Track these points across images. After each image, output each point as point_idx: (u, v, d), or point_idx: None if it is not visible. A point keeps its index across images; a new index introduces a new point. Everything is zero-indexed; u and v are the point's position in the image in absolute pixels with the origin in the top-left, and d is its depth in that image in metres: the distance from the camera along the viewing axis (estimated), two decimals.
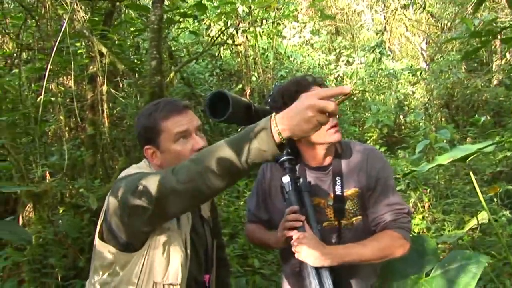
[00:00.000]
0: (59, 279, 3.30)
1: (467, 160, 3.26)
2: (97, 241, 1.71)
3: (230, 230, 4.74)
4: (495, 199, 5.24)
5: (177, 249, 1.66)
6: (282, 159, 1.89)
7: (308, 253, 1.74)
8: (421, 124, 9.24)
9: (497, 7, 8.49)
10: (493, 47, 10.39)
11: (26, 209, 3.59)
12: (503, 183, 5.69)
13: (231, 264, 4.23)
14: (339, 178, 1.99)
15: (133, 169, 1.75)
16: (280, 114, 1.33)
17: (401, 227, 1.96)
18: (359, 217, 2.02)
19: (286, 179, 1.89)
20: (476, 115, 7.29)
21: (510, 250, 3.43)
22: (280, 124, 1.31)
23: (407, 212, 2.00)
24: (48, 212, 3.52)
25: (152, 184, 1.47)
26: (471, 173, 3.23)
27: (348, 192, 2.00)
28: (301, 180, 1.89)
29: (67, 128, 5.23)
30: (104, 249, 1.67)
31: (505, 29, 3.38)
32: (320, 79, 2.00)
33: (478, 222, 3.96)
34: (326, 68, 12.64)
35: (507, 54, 9.55)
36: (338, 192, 1.97)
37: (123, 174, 1.72)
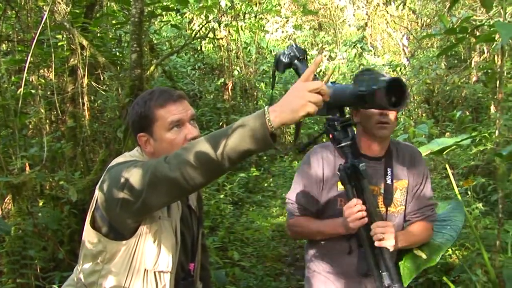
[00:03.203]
0: (38, 271, 3.30)
1: (444, 154, 3.35)
2: (87, 229, 1.73)
3: (210, 222, 4.78)
4: (469, 192, 5.35)
5: (168, 237, 1.70)
6: (343, 144, 1.91)
7: (392, 239, 1.92)
8: (401, 119, 9.33)
9: (475, 5, 8.60)
10: (472, 44, 10.52)
11: (5, 201, 3.59)
12: (479, 177, 5.80)
13: (211, 255, 4.27)
14: (390, 169, 2.19)
15: (123, 158, 1.77)
16: (272, 106, 1.39)
17: (433, 220, 2.32)
18: (403, 207, 2.24)
19: (347, 165, 1.93)
20: (455, 111, 7.39)
21: (482, 241, 3.52)
22: (272, 114, 1.36)
23: (435, 205, 2.35)
24: (28, 204, 3.52)
25: (138, 175, 1.50)
26: (447, 166, 3.32)
27: (398, 183, 2.21)
28: (362, 166, 1.91)
29: (47, 121, 5.22)
30: (94, 237, 1.69)
31: (479, 26, 3.45)
32: None
33: None
34: (308, 62, 12.70)
35: (485, 51, 9.68)
36: (389, 182, 2.17)
37: (114, 162, 1.73)
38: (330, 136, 1.91)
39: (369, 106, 1.83)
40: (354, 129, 2.01)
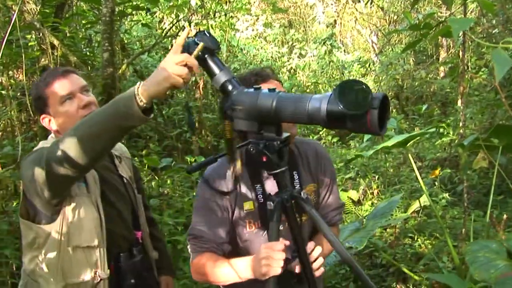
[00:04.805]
0: (14, 269, 3.31)
1: (411, 146, 3.47)
2: (20, 221, 1.82)
3: (184, 219, 4.81)
4: (437, 183, 5.50)
5: (88, 212, 1.77)
6: (279, 170, 1.51)
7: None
8: None
9: (440, 3, 8.81)
10: (439, 40, 10.75)
11: None
12: (447, 169, 5.96)
13: (185, 251, 4.30)
14: (296, 173, 1.91)
15: (40, 145, 1.86)
16: (144, 81, 1.42)
17: (340, 223, 2.15)
18: None
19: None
20: (423, 105, 7.58)
21: (448, 231, 3.66)
22: (141, 88, 1.40)
23: (343, 205, 2.15)
24: (2, 203, 3.52)
25: (37, 169, 1.60)
26: (410, 157, 3.43)
27: (306, 188, 1.95)
28: (303, 193, 1.60)
29: (18, 122, 5.18)
30: (27, 227, 1.78)
31: (442, 22, 3.59)
32: (277, 75, 1.96)
33: (420, 205, 4.18)
34: (279, 60, 12.80)
35: (451, 47, 9.93)
36: (298, 187, 1.88)
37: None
38: (264, 159, 1.49)
39: (349, 129, 1.30)
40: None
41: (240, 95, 1.45)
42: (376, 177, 6.55)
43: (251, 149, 1.50)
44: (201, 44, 1.40)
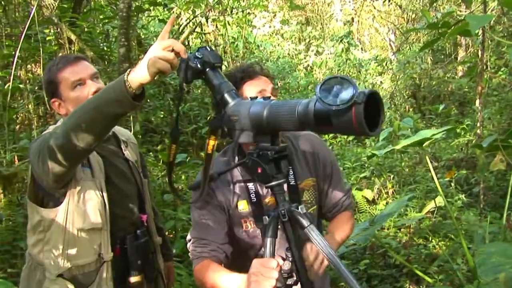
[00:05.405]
0: None
1: (427, 146, 3.43)
2: (27, 204, 1.88)
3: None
4: (452, 184, 5.44)
5: (92, 196, 1.82)
6: (276, 183, 1.46)
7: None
8: (387, 113, 9.42)
9: (459, 1, 8.72)
10: (457, 40, 10.63)
11: None
12: (463, 170, 5.89)
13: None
14: (291, 168, 1.78)
15: (49, 129, 1.91)
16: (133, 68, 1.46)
17: (352, 206, 2.07)
18: (315, 206, 1.94)
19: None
20: (440, 105, 7.50)
21: (463, 232, 3.61)
22: (131, 74, 1.45)
23: (350, 189, 2.09)
24: (18, 196, 3.56)
25: (37, 154, 1.67)
26: (427, 158, 3.39)
27: (304, 183, 1.89)
28: (301, 208, 1.52)
29: (35, 116, 5.23)
30: (33, 210, 1.84)
31: (461, 21, 3.53)
32: (267, 71, 1.88)
33: (435, 205, 4.14)
34: (295, 57, 12.76)
35: (470, 46, 9.82)
36: (292, 183, 1.78)
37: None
38: (259, 170, 1.43)
39: (334, 130, 1.23)
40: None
41: (235, 105, 1.44)
42: (391, 176, 6.51)
43: (247, 162, 1.46)
44: (188, 30, 1.45)
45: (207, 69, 1.48)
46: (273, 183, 1.45)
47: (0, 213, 3.01)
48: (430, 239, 4.65)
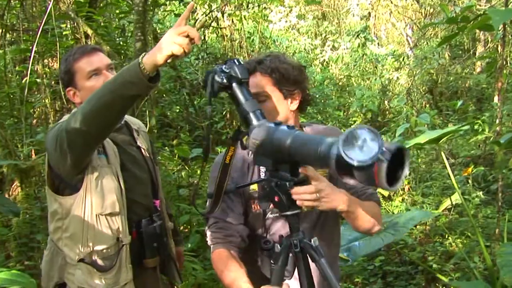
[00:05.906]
0: None
1: (444, 143, 3.39)
2: (46, 191, 1.94)
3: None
4: (470, 181, 5.38)
5: (109, 182, 1.87)
6: (291, 212, 1.46)
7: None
8: (404, 109, 9.34)
9: None
10: (476, 35, 10.50)
11: (12, 186, 3.65)
12: (480, 167, 5.82)
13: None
14: None
15: (65, 117, 1.94)
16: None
17: (378, 202, 1.88)
18: None
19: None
20: (457, 101, 7.41)
21: (481, 230, 3.57)
22: (145, 56, 1.50)
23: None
24: (35, 189, 3.59)
25: (55, 139, 1.72)
26: (442, 154, 3.35)
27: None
28: (314, 240, 1.52)
29: (52, 110, 5.26)
30: (51, 198, 1.90)
31: (481, 16, 3.48)
32: (265, 68, 1.75)
33: (452, 203, 4.10)
34: (311, 52, 12.69)
35: (489, 41, 9.69)
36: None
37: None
38: (276, 199, 1.44)
39: (358, 180, 1.19)
40: None
41: (259, 129, 1.43)
42: (408, 173, 6.46)
43: (265, 187, 1.47)
44: (204, 18, 1.45)
45: (233, 84, 1.47)
46: (289, 212, 1.45)
47: (17, 206, 3.05)
48: (446, 237, 4.61)
